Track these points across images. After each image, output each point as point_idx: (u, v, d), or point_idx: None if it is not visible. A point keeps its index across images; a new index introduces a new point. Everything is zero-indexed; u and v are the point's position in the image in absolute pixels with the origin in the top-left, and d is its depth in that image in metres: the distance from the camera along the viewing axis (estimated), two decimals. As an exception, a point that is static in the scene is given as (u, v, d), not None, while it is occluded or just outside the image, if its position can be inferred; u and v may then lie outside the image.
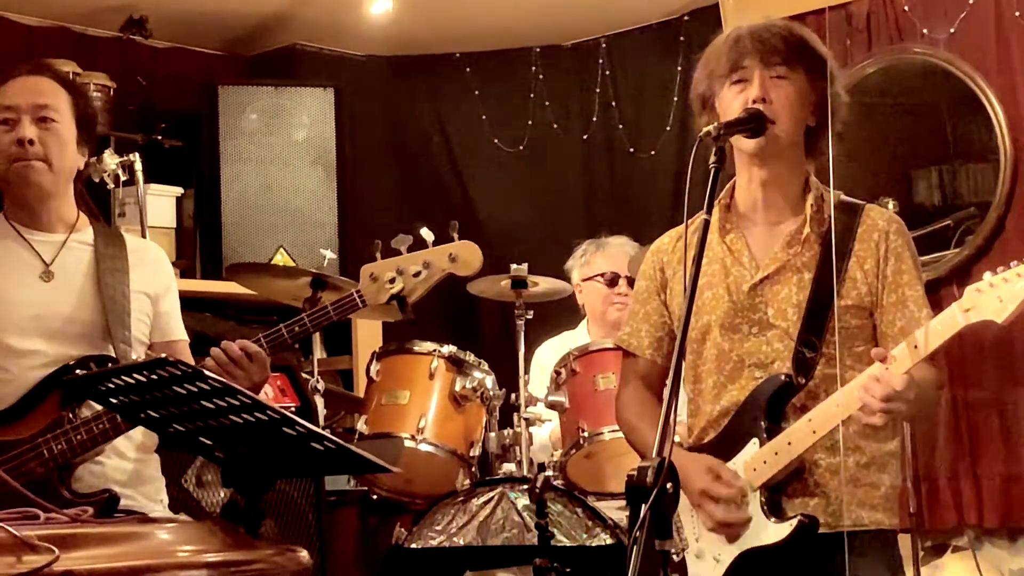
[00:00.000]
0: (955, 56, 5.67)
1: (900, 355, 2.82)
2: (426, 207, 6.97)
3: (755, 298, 3.07)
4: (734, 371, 3.08)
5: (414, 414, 4.51)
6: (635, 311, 3.29)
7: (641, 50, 6.75)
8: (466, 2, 6.28)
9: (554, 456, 4.56)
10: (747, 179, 3.14)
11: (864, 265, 3.06)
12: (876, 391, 2.79)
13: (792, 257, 3.07)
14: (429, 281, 3.36)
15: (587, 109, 6.85)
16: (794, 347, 3.01)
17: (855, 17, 5.95)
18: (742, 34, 3.09)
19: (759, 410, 3.00)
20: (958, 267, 5.62)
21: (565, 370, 4.52)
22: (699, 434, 3.15)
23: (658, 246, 3.31)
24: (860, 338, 3.06)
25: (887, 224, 3.10)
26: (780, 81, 3.04)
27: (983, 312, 2.75)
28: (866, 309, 3.06)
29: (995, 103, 5.55)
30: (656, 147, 6.59)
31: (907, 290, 3.05)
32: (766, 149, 3.04)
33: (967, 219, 5.74)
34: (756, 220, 3.15)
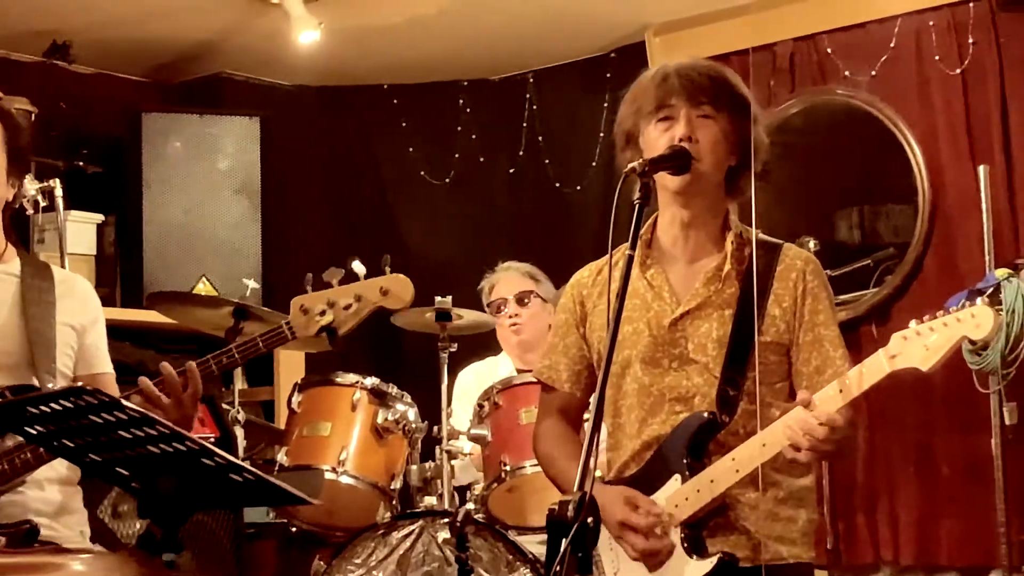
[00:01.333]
0: (876, 98, 5.76)
1: (827, 397, 2.85)
2: (352, 238, 6.96)
3: (675, 333, 3.09)
4: (655, 405, 3.09)
5: (335, 446, 4.48)
6: (554, 344, 3.29)
7: (568, 86, 6.79)
8: (395, 34, 6.29)
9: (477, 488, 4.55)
10: (669, 216, 3.16)
11: (782, 303, 3.08)
12: (800, 433, 2.82)
13: (713, 293, 3.09)
14: (360, 314, 3.34)
15: (514, 143, 6.88)
16: (718, 384, 3.03)
17: (779, 58, 6.03)
18: (669, 72, 3.11)
19: (682, 446, 3.00)
20: (877, 307, 5.69)
21: (488, 403, 4.51)
22: (620, 468, 3.15)
23: (578, 279, 3.31)
24: (778, 375, 3.09)
25: (804, 263, 3.13)
26: (706, 121, 3.06)
27: (909, 359, 2.79)
28: (784, 346, 3.09)
29: (915, 145, 5.64)
30: (582, 182, 6.63)
31: (823, 329, 3.08)
32: (690, 187, 3.06)
33: (886, 259, 5.82)
34: (677, 256, 3.16)
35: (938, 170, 5.63)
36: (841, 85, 5.89)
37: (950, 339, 2.74)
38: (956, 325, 2.74)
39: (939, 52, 5.61)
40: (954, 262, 5.54)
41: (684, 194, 3.07)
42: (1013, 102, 5.46)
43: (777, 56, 6.05)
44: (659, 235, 3.18)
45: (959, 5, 5.57)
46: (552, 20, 6.23)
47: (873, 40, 5.81)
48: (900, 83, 5.74)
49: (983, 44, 5.53)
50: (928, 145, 5.64)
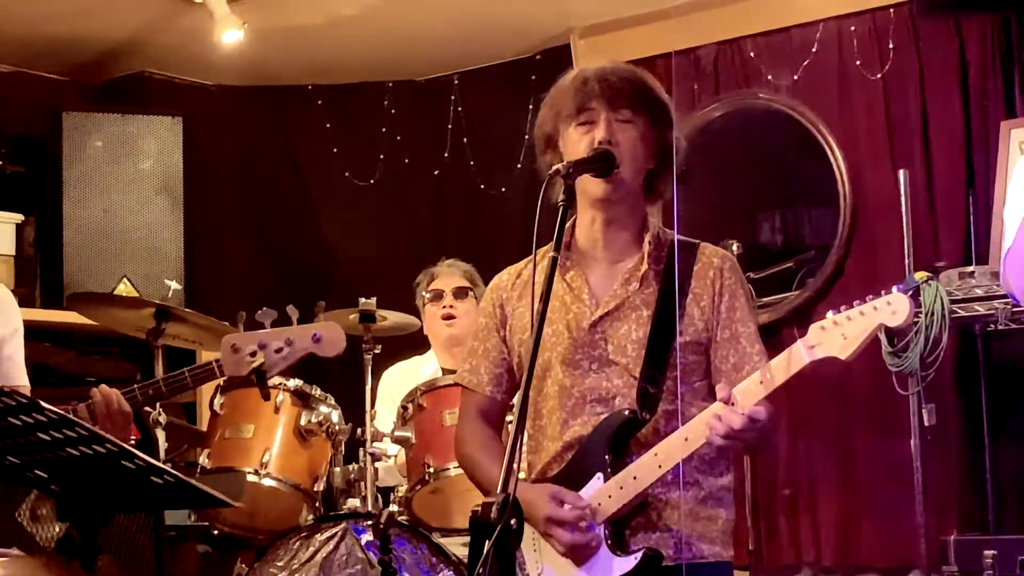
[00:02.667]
0: (798, 102, 5.82)
1: (747, 390, 2.88)
2: (275, 239, 6.93)
3: (595, 335, 3.10)
4: (576, 407, 3.10)
5: (258, 448, 4.45)
6: (474, 348, 3.30)
7: (493, 88, 6.80)
8: (319, 34, 6.26)
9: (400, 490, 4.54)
10: (589, 218, 3.17)
11: (700, 302, 3.11)
12: (719, 429, 2.85)
13: (631, 295, 3.11)
14: (290, 359, 3.34)
15: (439, 144, 6.87)
16: (638, 383, 3.04)
17: (703, 61, 6.07)
18: (589, 76, 3.13)
19: (603, 445, 3.02)
20: (798, 308, 5.74)
21: (412, 405, 4.50)
22: (542, 469, 3.16)
23: (497, 283, 3.32)
24: (697, 373, 3.11)
25: (721, 261, 3.17)
26: (625, 124, 3.09)
27: (828, 349, 2.81)
28: (703, 345, 3.11)
29: (836, 149, 5.70)
30: (506, 184, 6.64)
31: (740, 326, 3.11)
32: (611, 190, 3.07)
33: (808, 262, 5.87)
34: (596, 258, 3.18)
35: (859, 174, 5.69)
36: (764, 89, 5.94)
37: (867, 327, 2.77)
38: (873, 313, 2.77)
39: (860, 57, 5.68)
40: (874, 265, 5.60)
41: (604, 196, 3.09)
42: (933, 107, 5.53)
43: (701, 60, 6.08)
44: (578, 237, 3.20)
45: (880, 11, 5.63)
46: (477, 22, 6.23)
47: (796, 44, 5.86)
48: (822, 87, 5.80)
49: (904, 50, 5.59)
50: (849, 149, 5.70)
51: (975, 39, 5.43)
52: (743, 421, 2.83)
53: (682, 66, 6.00)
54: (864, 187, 5.68)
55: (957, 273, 4.97)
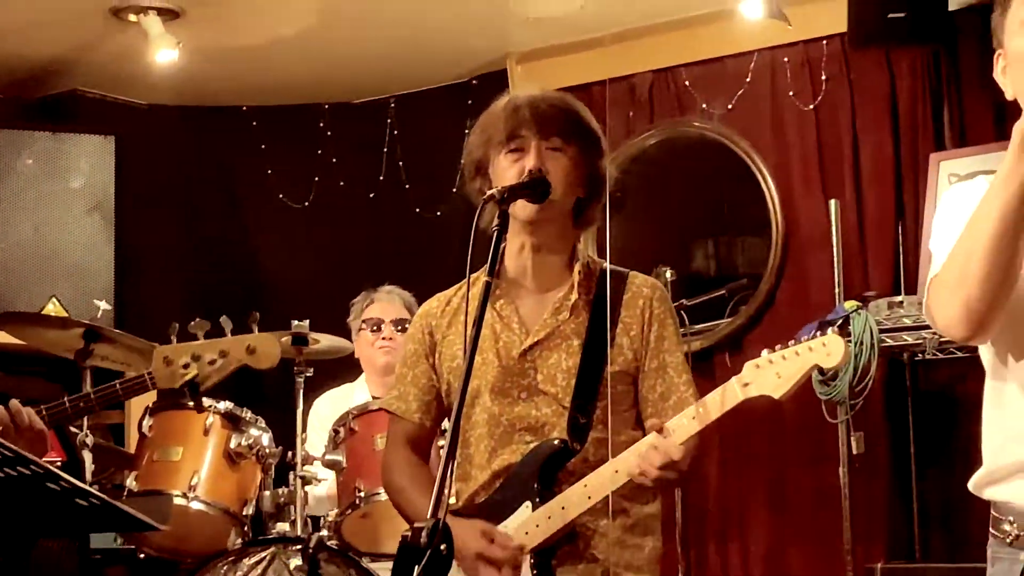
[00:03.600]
0: (732, 131, 5.87)
1: (679, 425, 2.88)
2: (208, 260, 6.88)
3: (524, 364, 3.10)
4: (504, 435, 3.09)
5: (186, 471, 4.41)
6: (403, 374, 3.28)
7: (429, 111, 6.79)
8: (255, 55, 6.24)
9: (330, 514, 4.51)
10: (519, 246, 3.17)
11: (630, 332, 3.12)
12: (655, 459, 2.85)
13: (561, 324, 3.10)
14: (224, 371, 3.30)
15: (374, 167, 6.85)
16: (568, 413, 3.04)
17: (638, 89, 6.10)
18: (520, 103, 3.13)
19: (532, 474, 3.01)
20: (730, 336, 5.78)
21: (344, 429, 4.48)
22: (470, 496, 3.14)
23: (427, 310, 3.30)
24: (626, 403, 3.12)
25: (651, 291, 3.17)
26: (555, 152, 3.09)
27: (761, 387, 2.83)
28: (632, 375, 3.12)
29: (768, 178, 5.75)
30: (442, 208, 6.63)
31: (668, 356, 3.12)
32: (541, 217, 3.08)
33: (740, 289, 5.90)
34: (526, 287, 3.18)
35: (791, 203, 5.74)
36: (698, 117, 5.99)
37: (801, 368, 2.79)
38: (808, 354, 2.78)
39: (793, 87, 5.74)
40: (805, 293, 5.65)
41: (535, 224, 3.09)
42: (864, 138, 5.59)
43: (636, 87, 6.12)
44: (507, 265, 3.19)
45: (813, 42, 5.69)
46: (415, 45, 6.24)
47: (730, 74, 5.91)
48: (755, 117, 5.86)
49: (835, 81, 5.66)
50: (781, 178, 5.75)
51: (906, 72, 5.50)
52: (682, 451, 2.84)
53: (617, 93, 6.03)
54: (796, 216, 5.73)
55: (886, 303, 5.02)
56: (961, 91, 5.35)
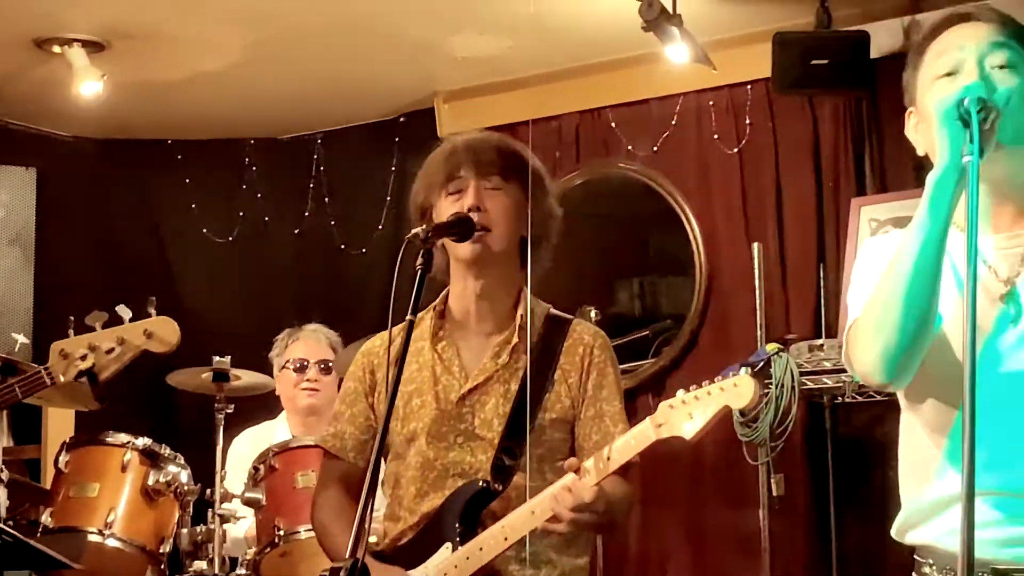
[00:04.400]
0: (657, 173, 5.90)
1: (591, 467, 2.87)
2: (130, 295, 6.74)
3: (462, 408, 3.09)
4: (437, 480, 3.07)
5: (103, 508, 4.36)
6: (341, 412, 3.26)
7: (356, 148, 6.78)
8: (180, 89, 6.20)
9: (248, 554, 4.47)
10: (461, 288, 3.17)
11: (568, 379, 3.11)
12: (567, 501, 2.83)
13: (500, 368, 3.10)
14: (123, 358, 3.26)
15: (300, 204, 6.83)
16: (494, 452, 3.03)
17: (564, 129, 6.14)
18: (458, 146, 3.16)
19: (454, 515, 3.00)
20: (654, 377, 5.79)
21: (264, 466, 4.44)
22: (395, 537, 3.12)
23: (369, 348, 3.29)
24: (563, 451, 3.09)
25: (592, 339, 3.17)
26: (494, 192, 3.10)
27: (674, 428, 2.81)
28: (569, 423, 3.11)
29: (693, 220, 5.79)
30: (368, 245, 6.62)
31: (605, 405, 3.11)
32: (480, 258, 3.08)
33: (664, 330, 5.93)
34: (469, 329, 3.17)
35: (714, 245, 5.78)
36: (624, 159, 6.02)
37: (713, 408, 2.78)
38: (719, 395, 2.78)
39: (718, 131, 5.79)
40: (728, 335, 5.68)
41: (474, 265, 3.09)
42: (787, 182, 5.64)
43: (563, 128, 6.15)
44: (451, 306, 3.19)
45: (738, 87, 5.75)
46: (342, 82, 6.23)
47: (655, 116, 5.95)
48: (680, 159, 5.90)
49: (759, 125, 5.71)
50: (705, 221, 5.79)
51: (828, 118, 5.56)
52: (593, 492, 2.82)
53: (545, 133, 6.06)
54: (719, 259, 5.77)
55: (807, 346, 5.06)
56: (882, 138, 5.42)
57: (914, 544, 2.37)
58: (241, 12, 5.37)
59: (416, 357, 3.13)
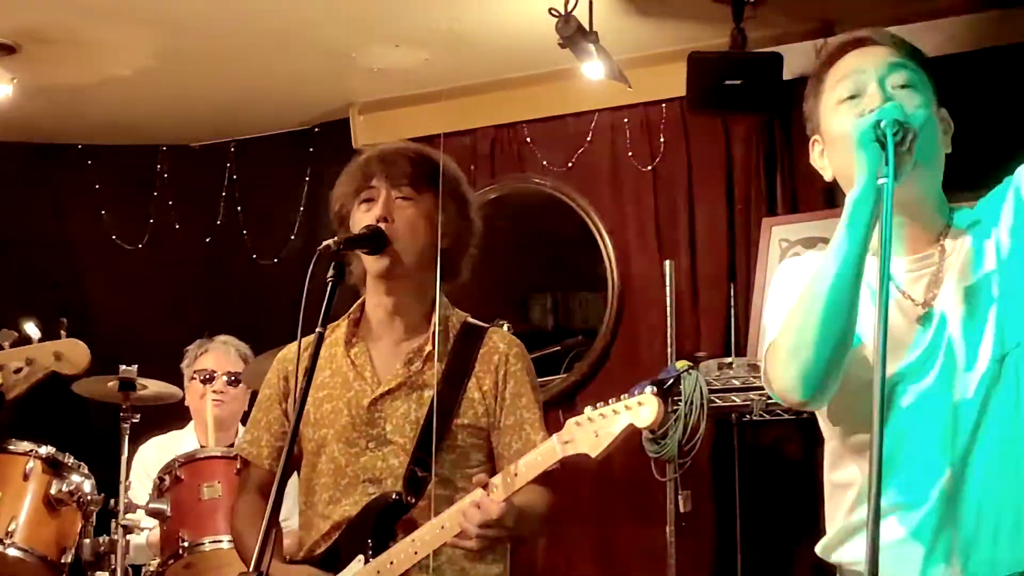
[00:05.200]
0: (572, 189, 5.93)
1: (499, 483, 2.86)
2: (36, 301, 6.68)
3: (374, 413, 3.07)
4: (349, 486, 3.06)
5: (4, 516, 4.27)
6: (257, 419, 3.24)
7: (270, 157, 6.74)
8: (92, 94, 6.13)
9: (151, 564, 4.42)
10: (376, 296, 3.16)
11: (483, 386, 3.11)
12: (475, 517, 2.82)
13: (413, 374, 3.09)
14: (31, 379, 3.22)
15: (212, 212, 6.78)
16: (407, 464, 3.02)
17: (480, 143, 6.15)
18: (372, 155, 3.15)
19: (367, 527, 2.99)
20: (564, 392, 5.81)
21: (169, 477, 4.39)
22: (311, 547, 3.10)
23: (284, 355, 3.27)
24: (474, 459, 3.10)
25: (508, 347, 3.17)
26: (405, 202, 3.09)
27: (579, 446, 2.81)
28: (483, 430, 3.10)
29: (606, 237, 5.82)
30: (280, 255, 6.57)
31: (524, 412, 3.12)
32: (391, 268, 3.07)
33: (576, 346, 5.95)
34: (382, 336, 3.16)
35: (627, 262, 5.81)
36: (539, 174, 6.04)
37: (617, 426, 2.78)
38: (624, 413, 2.77)
39: (632, 148, 5.82)
40: (639, 352, 5.71)
41: (386, 275, 3.08)
42: (699, 200, 5.69)
43: (478, 141, 6.16)
44: (367, 314, 3.18)
45: (653, 105, 5.79)
46: (257, 91, 6.19)
47: (571, 132, 5.99)
48: (595, 175, 5.93)
49: (673, 144, 5.76)
50: (618, 237, 5.83)
51: (741, 138, 5.62)
52: (500, 509, 2.81)
53: (459, 147, 6.06)
54: (631, 275, 5.80)
55: (716, 364, 5.10)
56: (793, 159, 5.48)
57: (840, 563, 2.39)
58: (155, 17, 5.32)
59: (329, 363, 3.13)
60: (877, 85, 2.31)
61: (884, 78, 2.32)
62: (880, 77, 2.32)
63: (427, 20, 5.30)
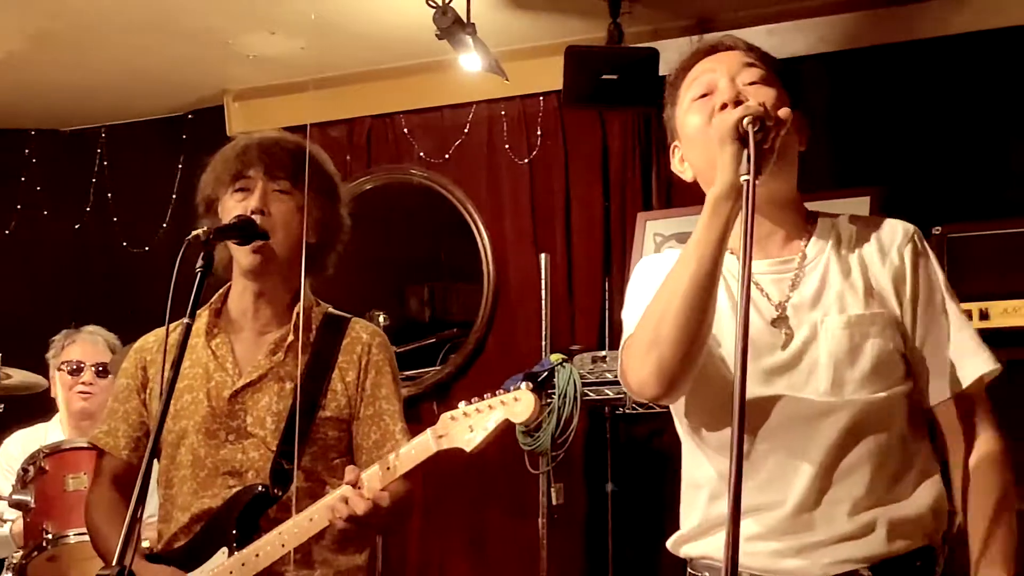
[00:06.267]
0: (449, 180, 5.92)
1: (372, 476, 2.85)
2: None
3: (235, 405, 3.04)
4: (208, 478, 3.02)
5: None
6: (114, 409, 3.18)
7: (142, 144, 6.64)
8: (-43, 76, 5.99)
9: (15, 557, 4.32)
10: (241, 286, 3.12)
11: (346, 377, 3.09)
12: (343, 512, 2.81)
13: (275, 365, 3.06)
14: None
15: (81, 198, 6.65)
16: (273, 457, 2.99)
17: (356, 133, 6.11)
18: (251, 144, 3.11)
19: (231, 519, 2.96)
20: (439, 384, 5.80)
21: (33, 468, 4.30)
22: (169, 540, 3.06)
23: (142, 345, 3.22)
24: (337, 450, 3.08)
25: (371, 338, 3.16)
26: (282, 195, 3.06)
27: (454, 440, 2.82)
28: (345, 421, 3.09)
29: (483, 229, 5.82)
30: (151, 243, 6.48)
31: (384, 403, 3.11)
32: (261, 260, 3.03)
33: (452, 337, 5.94)
34: (244, 327, 3.13)
35: (503, 255, 5.82)
36: (415, 165, 6.02)
37: (493, 422, 2.80)
38: (500, 408, 2.79)
39: (509, 141, 5.83)
40: (514, 344, 5.72)
41: (253, 267, 3.04)
42: (576, 194, 5.72)
43: (355, 131, 6.13)
44: (229, 305, 3.14)
45: (530, 97, 5.80)
46: (129, 75, 6.08)
47: (448, 124, 5.98)
48: (472, 168, 5.93)
49: (551, 137, 5.78)
50: (495, 229, 5.83)
51: (617, 132, 5.65)
52: (367, 507, 2.80)
53: (336, 137, 6.02)
54: (508, 268, 5.81)
55: (590, 357, 5.13)
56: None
57: (689, 556, 2.41)
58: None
59: (190, 354, 3.08)
60: (728, 83, 2.34)
61: (735, 76, 2.36)
62: (731, 75, 2.36)
63: (304, 8, 5.25)
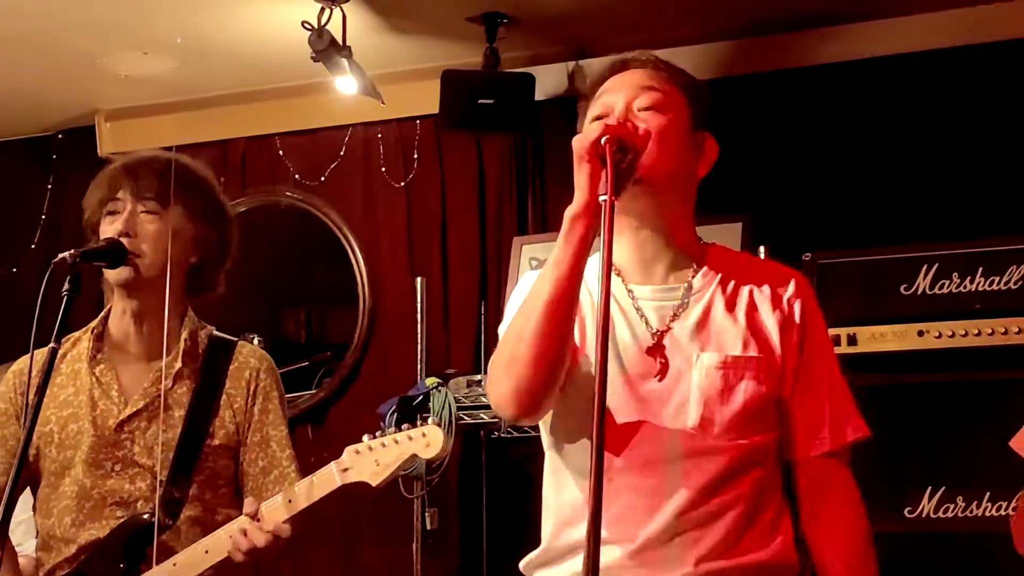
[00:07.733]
0: (324, 203, 5.88)
1: (275, 508, 2.84)
2: None
3: (121, 435, 2.98)
4: (95, 509, 2.96)
5: None
6: None
7: (9, 164, 6.50)
8: None
9: None
10: (120, 310, 3.08)
11: (234, 404, 3.06)
12: (243, 545, 2.80)
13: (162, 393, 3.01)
14: None
15: (-54, 218, 6.49)
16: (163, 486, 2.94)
17: (231, 154, 6.05)
18: (119, 166, 3.09)
19: (118, 550, 2.91)
20: (314, 408, 5.76)
21: None
22: (51, 570, 2.99)
23: (21, 368, 3.14)
24: (225, 478, 3.05)
25: (258, 363, 3.13)
26: (150, 216, 3.02)
27: (360, 473, 2.83)
28: (234, 449, 3.06)
29: (358, 252, 5.80)
30: (19, 264, 6.33)
31: (271, 429, 3.08)
32: (130, 284, 3.00)
33: (327, 361, 5.90)
34: (129, 352, 3.07)
35: (379, 278, 5.80)
36: (291, 187, 5.98)
37: (400, 456, 2.81)
38: (407, 443, 2.81)
39: (386, 164, 5.81)
40: (390, 368, 5.69)
41: (128, 289, 3.02)
42: (452, 218, 5.72)
43: (229, 153, 6.07)
44: (111, 329, 3.09)
45: (407, 121, 5.80)
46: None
47: (323, 146, 5.94)
48: (348, 190, 5.90)
49: (427, 160, 5.77)
50: (371, 253, 5.81)
51: (494, 156, 5.67)
52: (267, 539, 2.80)
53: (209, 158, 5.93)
54: (384, 291, 5.79)
55: (466, 381, 5.11)
56: (544, 178, 5.55)
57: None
58: None
59: (73, 380, 3.02)
60: (624, 106, 2.35)
61: (633, 100, 2.36)
62: (628, 99, 2.37)
63: (177, 28, 5.18)
